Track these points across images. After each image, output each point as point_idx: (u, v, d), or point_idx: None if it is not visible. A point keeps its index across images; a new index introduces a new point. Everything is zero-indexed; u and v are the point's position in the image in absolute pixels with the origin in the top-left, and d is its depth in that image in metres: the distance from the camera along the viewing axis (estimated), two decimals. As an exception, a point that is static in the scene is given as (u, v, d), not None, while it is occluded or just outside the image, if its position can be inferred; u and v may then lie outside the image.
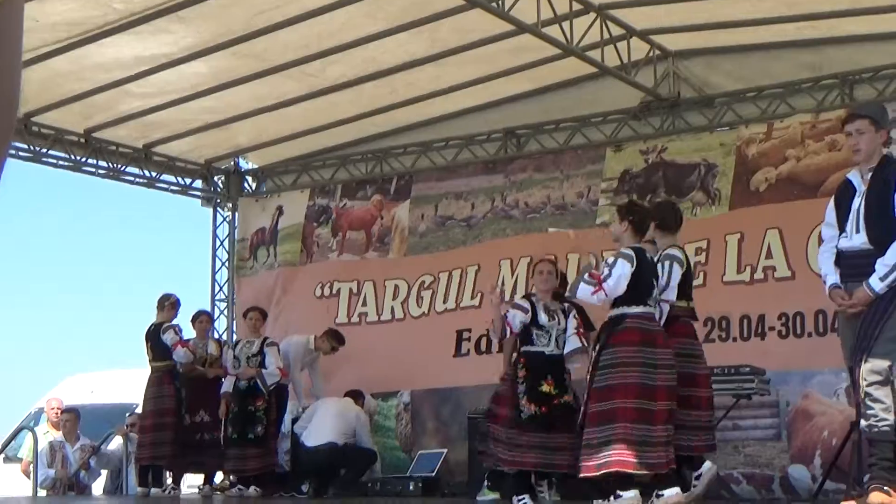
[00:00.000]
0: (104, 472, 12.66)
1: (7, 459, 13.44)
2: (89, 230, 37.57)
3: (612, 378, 6.90)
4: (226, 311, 14.13)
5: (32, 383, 37.61)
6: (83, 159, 12.65)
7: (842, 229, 6.25)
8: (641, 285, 7.01)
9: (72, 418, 12.47)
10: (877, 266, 5.99)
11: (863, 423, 6.11)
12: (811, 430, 9.57)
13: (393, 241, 12.90)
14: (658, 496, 6.77)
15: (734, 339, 10.21)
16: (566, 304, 8.26)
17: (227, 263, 14.27)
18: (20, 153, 12.02)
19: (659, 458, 6.74)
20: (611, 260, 7.03)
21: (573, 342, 8.12)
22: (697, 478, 7.33)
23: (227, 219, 14.39)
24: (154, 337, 11.20)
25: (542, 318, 8.14)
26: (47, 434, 12.68)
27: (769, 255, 10.23)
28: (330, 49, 10.60)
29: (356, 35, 10.33)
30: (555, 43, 9.66)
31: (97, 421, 12.56)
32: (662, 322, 7.21)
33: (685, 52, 11.14)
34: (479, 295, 11.49)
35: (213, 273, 14.27)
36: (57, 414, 12.94)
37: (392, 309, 12.49)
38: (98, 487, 12.77)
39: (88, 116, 12.11)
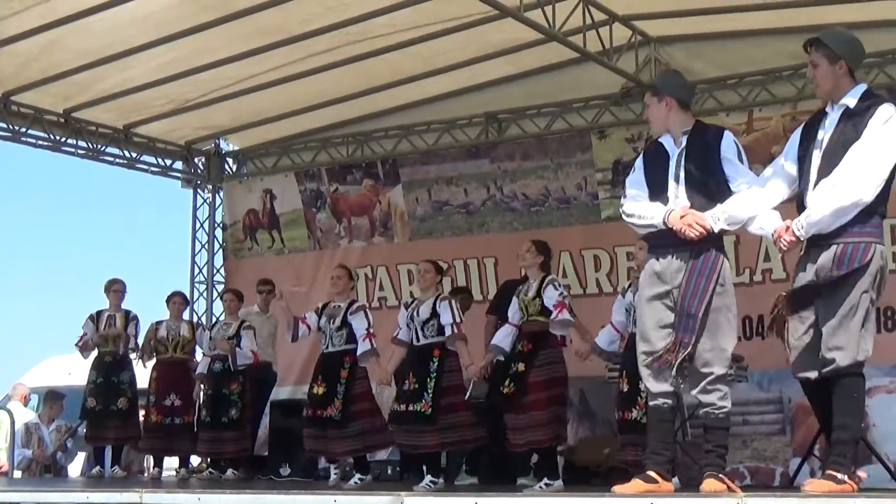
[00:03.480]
0: (81, 454, 12.64)
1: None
2: (68, 210, 37.51)
3: None
4: (205, 294, 14.14)
5: (10, 364, 37.49)
6: (62, 139, 12.60)
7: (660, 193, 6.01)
8: None
9: (54, 402, 12.57)
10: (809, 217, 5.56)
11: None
12: (813, 424, 9.65)
13: (395, 226, 13.05)
14: None
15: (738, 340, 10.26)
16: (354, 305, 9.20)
17: (206, 245, 14.27)
18: (-1, 132, 12.00)
19: None
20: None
21: (362, 345, 8.94)
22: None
23: (208, 200, 14.38)
24: None
25: (322, 320, 9.19)
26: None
27: (767, 258, 10.35)
28: (311, 31, 10.56)
29: (337, 17, 10.30)
30: (537, 27, 9.64)
31: (75, 403, 12.50)
32: None
33: (667, 38, 11.13)
34: (505, 288, 11.45)
35: (193, 255, 14.29)
36: (24, 398, 12.98)
37: (412, 294, 12.50)
38: (75, 468, 12.74)
39: (68, 96, 12.06)
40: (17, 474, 11.88)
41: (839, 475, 5.40)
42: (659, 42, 11.16)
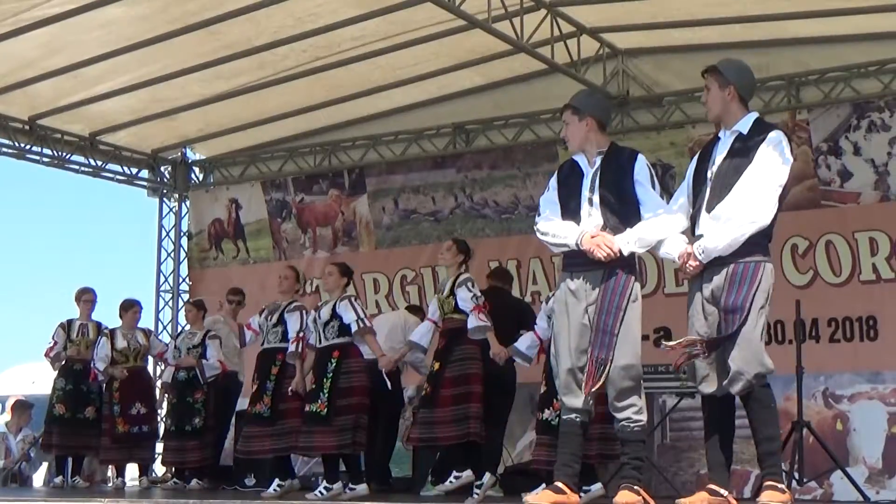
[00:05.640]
0: (45, 464, 12.55)
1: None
2: (33, 219, 37.29)
3: None
4: (171, 303, 14.07)
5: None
6: (27, 147, 12.51)
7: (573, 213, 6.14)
8: None
9: (23, 412, 12.48)
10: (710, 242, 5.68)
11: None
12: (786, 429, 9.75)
13: (360, 235, 13.02)
14: None
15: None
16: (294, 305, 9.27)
17: (172, 254, 14.21)
18: (-38, 140, 11.93)
19: None
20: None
21: (290, 346, 9.02)
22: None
23: (174, 209, 14.32)
24: None
25: (261, 318, 9.42)
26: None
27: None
28: (279, 41, 10.55)
29: (305, 27, 10.29)
30: (505, 39, 9.66)
31: (39, 412, 12.43)
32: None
33: (634, 50, 11.19)
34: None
35: (159, 264, 14.21)
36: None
37: (377, 303, 12.55)
38: (39, 478, 12.65)
39: (33, 104, 11.98)
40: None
41: (780, 485, 5.60)
42: (626, 54, 11.22)
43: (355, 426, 8.43)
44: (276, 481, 8.96)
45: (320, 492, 8.32)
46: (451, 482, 7.95)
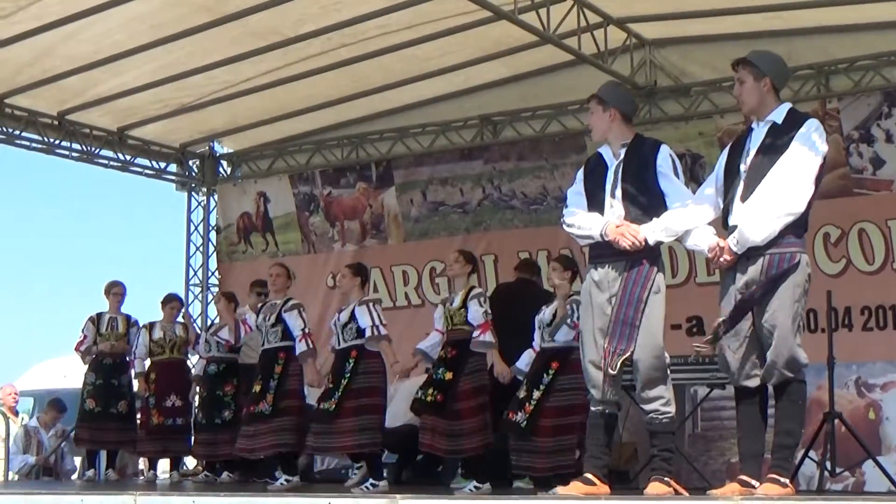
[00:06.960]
0: (77, 458, 12.59)
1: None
2: (62, 213, 37.48)
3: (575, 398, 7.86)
4: (200, 296, 14.12)
5: (4, 367, 37.39)
6: (57, 142, 12.57)
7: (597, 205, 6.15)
8: None
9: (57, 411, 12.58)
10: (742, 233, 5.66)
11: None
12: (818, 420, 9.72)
13: (389, 228, 13.04)
14: None
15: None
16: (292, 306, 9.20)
17: (201, 248, 14.25)
18: (-7, 135, 11.97)
19: None
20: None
21: (299, 346, 9.07)
22: None
23: (202, 203, 14.36)
24: None
25: (259, 318, 9.37)
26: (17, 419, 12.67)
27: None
28: (305, 34, 10.55)
29: (332, 19, 10.29)
30: (531, 30, 9.63)
31: (71, 405, 12.48)
32: None
33: (662, 40, 11.14)
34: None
35: (188, 258, 14.28)
36: (13, 399, 12.94)
37: (406, 295, 12.56)
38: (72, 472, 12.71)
39: (62, 99, 12.03)
40: (14, 478, 11.85)
41: (783, 479, 5.57)
42: (654, 45, 11.17)
43: (372, 427, 8.44)
44: (284, 476, 8.95)
45: (367, 486, 8.26)
46: (472, 489, 7.97)
